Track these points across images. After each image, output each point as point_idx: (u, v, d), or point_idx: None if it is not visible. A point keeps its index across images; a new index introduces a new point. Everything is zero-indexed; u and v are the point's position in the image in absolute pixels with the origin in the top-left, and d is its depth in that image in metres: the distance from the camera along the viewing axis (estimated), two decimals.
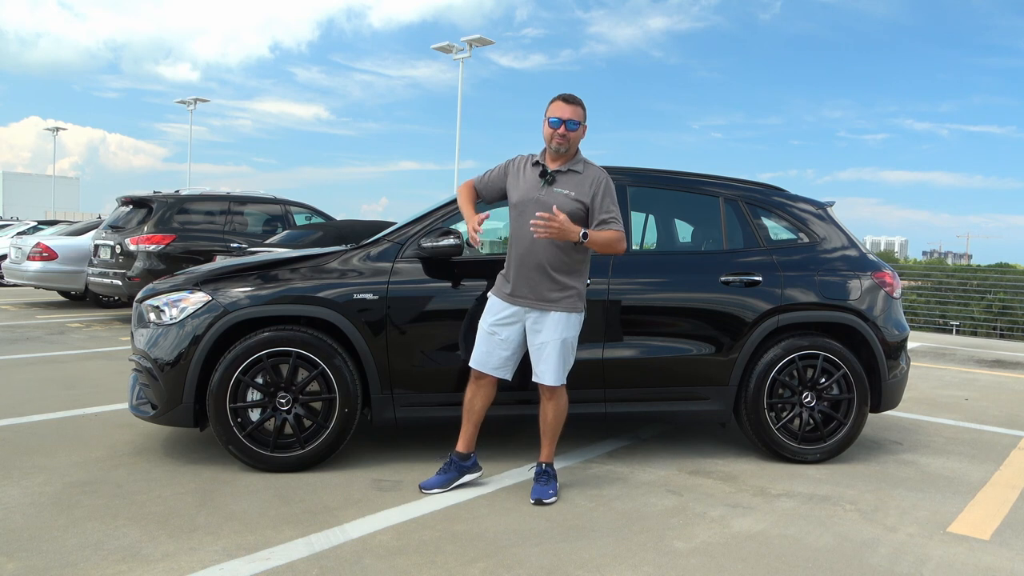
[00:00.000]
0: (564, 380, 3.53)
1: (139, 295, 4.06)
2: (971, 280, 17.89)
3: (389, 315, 3.83)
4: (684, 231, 4.92)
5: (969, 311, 17.00)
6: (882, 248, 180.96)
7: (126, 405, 4.35)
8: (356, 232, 7.18)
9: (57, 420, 4.72)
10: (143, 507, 3.29)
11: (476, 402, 3.59)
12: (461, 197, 3.66)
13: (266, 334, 3.72)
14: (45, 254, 10.96)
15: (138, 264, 9.11)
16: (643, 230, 4.74)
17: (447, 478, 3.61)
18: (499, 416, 3.81)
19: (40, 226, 15.96)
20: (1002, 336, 15.35)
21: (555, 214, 3.31)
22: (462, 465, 3.64)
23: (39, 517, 3.14)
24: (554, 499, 3.51)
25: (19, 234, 14.47)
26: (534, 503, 3.47)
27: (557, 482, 3.62)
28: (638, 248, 4.56)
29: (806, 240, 4.45)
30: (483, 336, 3.56)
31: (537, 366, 3.51)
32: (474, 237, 3.42)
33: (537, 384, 3.54)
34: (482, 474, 3.73)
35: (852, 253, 4.47)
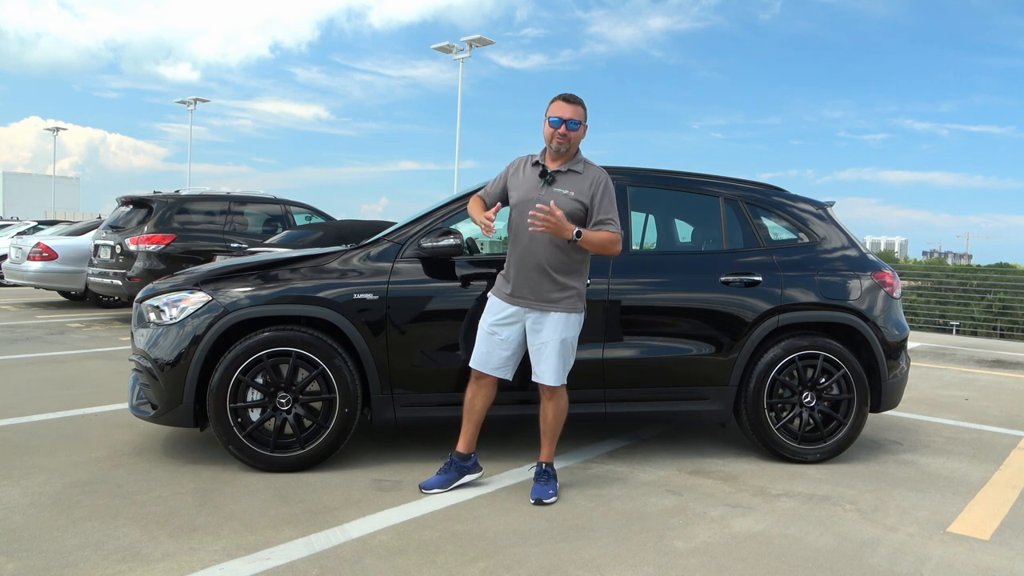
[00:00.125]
0: (564, 380, 3.52)
1: (139, 295, 4.06)
2: (971, 280, 17.89)
3: (389, 315, 3.83)
4: (684, 231, 4.92)
5: (969, 311, 17.01)
6: (882, 248, 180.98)
7: (126, 405, 4.35)
8: (356, 232, 7.18)
9: (57, 420, 4.72)
10: (143, 507, 3.29)
11: (476, 402, 3.59)
12: (471, 207, 3.64)
13: (266, 334, 3.72)
14: (45, 254, 10.96)
15: (138, 264, 9.11)
16: (643, 230, 4.74)
17: (447, 478, 3.61)
18: (499, 416, 3.81)
19: (40, 226, 15.95)
20: (1002, 336, 15.35)
21: (553, 209, 3.30)
22: (462, 465, 3.64)
23: (39, 517, 3.14)
24: (554, 499, 3.51)
25: (19, 234, 14.47)
26: (534, 503, 3.47)
27: (557, 482, 3.62)
28: (638, 248, 4.55)
29: (806, 240, 4.45)
30: (483, 336, 3.56)
31: (537, 366, 3.51)
32: (488, 224, 3.36)
33: (537, 384, 3.55)
34: (482, 474, 3.73)
35: (852, 253, 4.47)
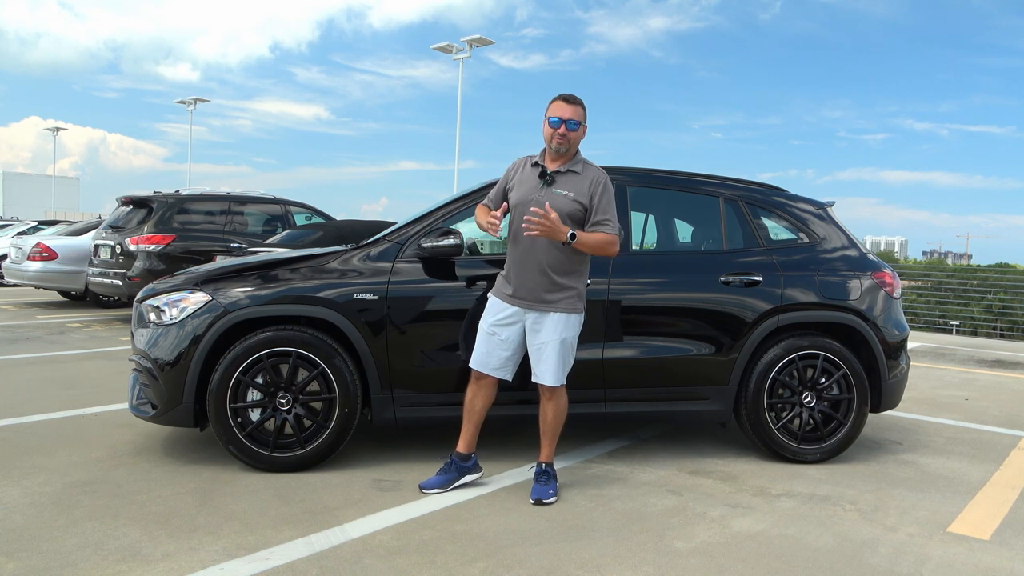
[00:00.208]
0: (564, 380, 3.52)
1: (139, 295, 4.06)
2: (971, 280, 17.89)
3: (389, 315, 3.83)
4: (684, 231, 4.92)
5: (969, 311, 17.01)
6: (882, 248, 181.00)
7: (126, 405, 4.35)
8: (356, 232, 7.18)
9: (57, 420, 4.72)
10: (143, 507, 3.29)
11: (477, 402, 3.59)
12: (477, 215, 3.62)
13: (266, 334, 3.72)
14: (45, 254, 10.96)
15: (138, 264, 9.11)
16: (643, 230, 4.73)
17: (447, 478, 3.61)
18: (499, 416, 3.80)
19: (40, 226, 15.95)
20: (1002, 336, 15.35)
21: (547, 211, 3.30)
22: (462, 465, 3.64)
23: (39, 517, 3.14)
24: (554, 499, 3.51)
25: (19, 234, 14.47)
26: (534, 503, 3.47)
27: (557, 482, 3.62)
28: (638, 248, 4.55)
29: (806, 240, 4.45)
30: (483, 336, 3.56)
31: (537, 366, 3.51)
32: (495, 224, 3.34)
33: (537, 384, 3.55)
34: (482, 474, 3.73)
35: (852, 253, 4.47)
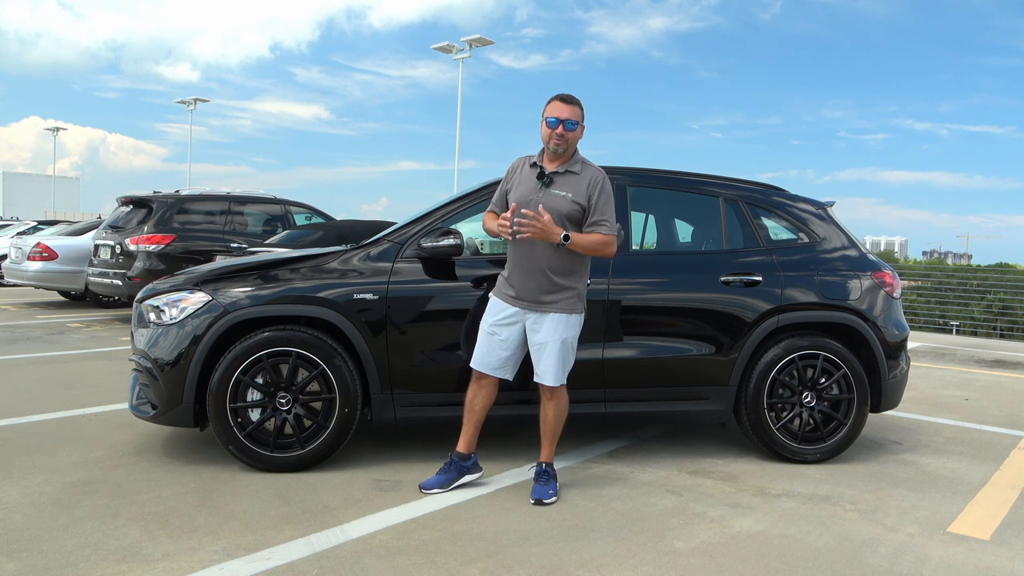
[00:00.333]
0: (564, 380, 3.52)
1: (139, 295, 4.06)
2: (971, 280, 17.89)
3: (389, 315, 3.83)
4: (684, 231, 4.92)
5: (969, 311, 17.01)
6: (882, 248, 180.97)
7: (126, 405, 4.35)
8: (356, 232, 7.18)
9: (57, 420, 4.72)
10: (143, 507, 3.29)
11: (477, 402, 3.59)
12: (486, 222, 3.63)
13: (266, 334, 3.72)
14: (45, 254, 10.96)
15: (138, 264, 9.11)
16: (643, 230, 4.74)
17: (447, 478, 3.61)
18: (499, 416, 3.80)
19: (40, 226, 15.95)
20: (1002, 336, 15.35)
21: (540, 214, 3.30)
22: (462, 465, 3.64)
23: (39, 517, 3.14)
24: (554, 499, 3.51)
25: (19, 234, 14.47)
26: (534, 503, 3.47)
27: (557, 482, 3.62)
28: (638, 248, 4.55)
29: (806, 240, 4.45)
30: (484, 336, 3.56)
31: (537, 366, 3.51)
32: (506, 227, 3.33)
33: (537, 384, 3.55)
34: (482, 474, 3.73)
35: (852, 253, 4.47)
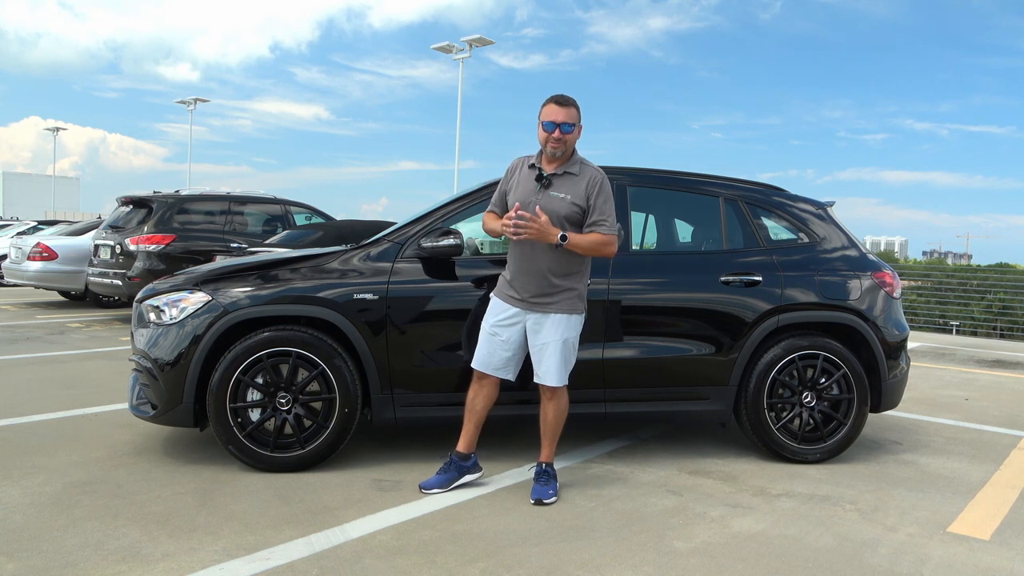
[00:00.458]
0: (566, 380, 3.52)
1: (139, 295, 4.06)
2: (971, 280, 17.90)
3: (389, 315, 3.83)
4: (684, 231, 4.92)
5: (969, 311, 17.01)
6: (882, 248, 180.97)
7: (126, 405, 4.35)
8: (356, 232, 7.18)
9: (57, 420, 4.72)
10: (143, 507, 3.29)
11: (478, 402, 3.59)
12: (488, 223, 3.62)
13: (266, 334, 3.72)
14: (45, 254, 10.96)
15: (138, 264, 9.11)
16: (643, 230, 4.74)
17: (447, 478, 3.61)
18: (499, 416, 3.80)
19: (40, 226, 15.95)
20: (1002, 336, 15.35)
21: (537, 215, 3.29)
22: (462, 465, 3.64)
23: (39, 517, 3.14)
24: (554, 499, 3.51)
25: (19, 234, 14.47)
26: (534, 503, 3.47)
27: (557, 482, 3.62)
28: (638, 248, 4.55)
29: (806, 240, 4.45)
30: (485, 337, 3.56)
31: (539, 367, 3.51)
32: (508, 225, 3.32)
33: (538, 384, 3.55)
34: (482, 474, 3.73)
35: (852, 253, 4.47)
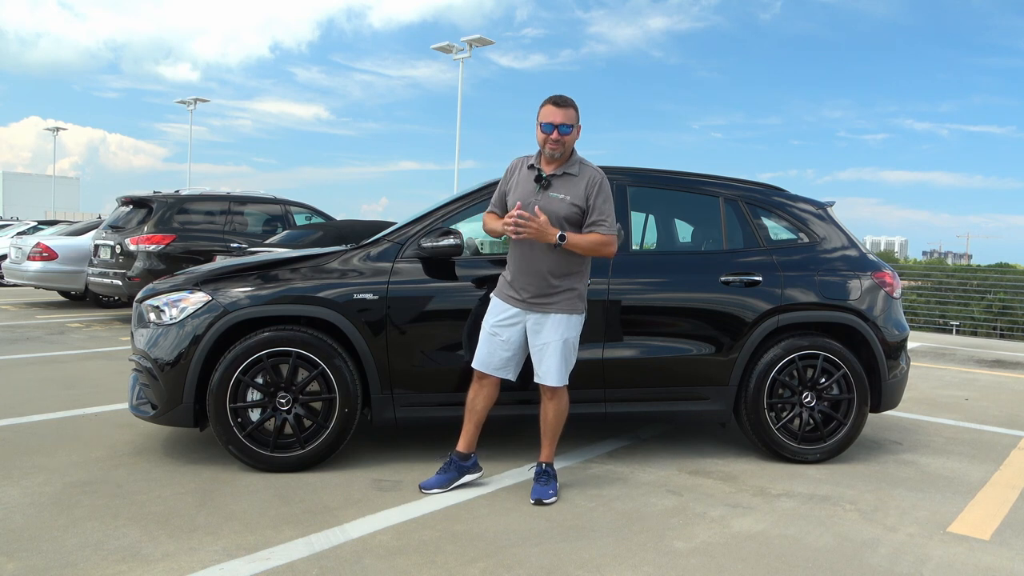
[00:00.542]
0: (567, 380, 3.52)
1: (139, 295, 4.06)
2: (971, 280, 17.90)
3: (389, 315, 3.83)
4: (684, 231, 4.92)
5: (969, 311, 17.01)
6: (882, 248, 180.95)
7: (126, 405, 4.35)
8: (356, 232, 7.18)
9: (57, 420, 4.72)
10: (143, 507, 3.29)
11: (478, 402, 3.59)
12: (488, 223, 3.62)
13: (266, 334, 3.72)
14: (45, 254, 10.96)
15: (138, 264, 9.11)
16: (643, 230, 4.74)
17: (447, 478, 3.61)
18: (499, 416, 3.80)
19: (40, 226, 15.95)
20: (1002, 336, 15.35)
21: (536, 215, 3.29)
22: (462, 465, 3.64)
23: (39, 517, 3.14)
24: (554, 499, 3.51)
25: (19, 234, 14.47)
26: (534, 503, 3.47)
27: (557, 482, 3.62)
28: (638, 248, 4.55)
29: (806, 240, 4.45)
30: (485, 337, 3.56)
31: (539, 367, 3.51)
32: (507, 224, 3.32)
33: (538, 384, 3.55)
34: (482, 474, 3.73)
35: (852, 253, 4.47)
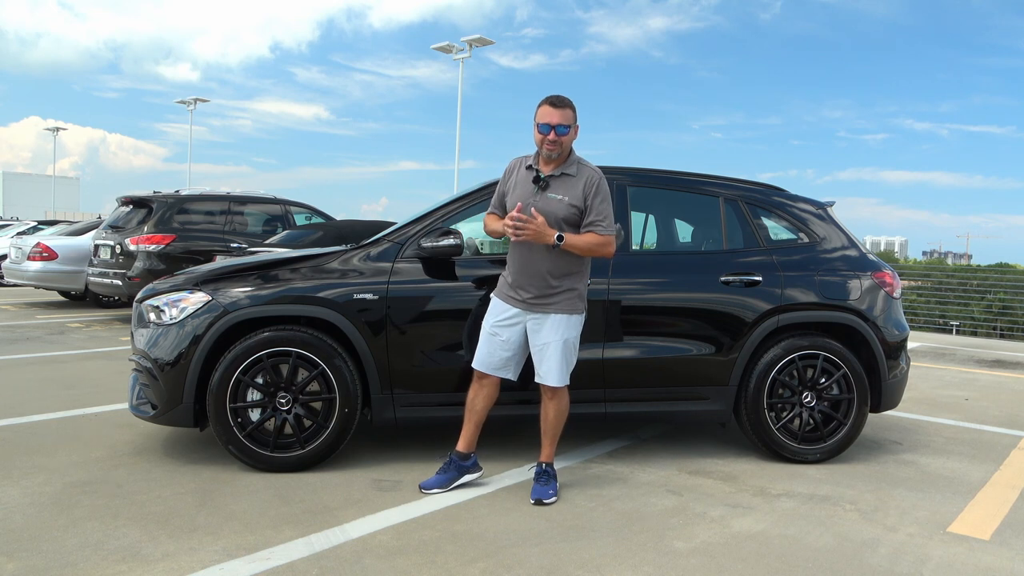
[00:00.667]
0: (567, 380, 3.52)
1: (139, 295, 4.06)
2: (971, 280, 17.90)
3: (389, 315, 3.83)
4: (684, 231, 4.92)
5: (969, 311, 17.01)
6: (882, 248, 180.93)
7: (126, 405, 4.35)
8: (356, 232, 7.18)
9: (57, 420, 4.72)
10: (143, 507, 3.29)
11: (478, 402, 3.59)
12: (489, 224, 3.62)
13: (266, 334, 3.72)
14: (45, 254, 10.96)
15: (138, 264, 9.11)
16: (643, 230, 4.74)
17: (447, 478, 3.61)
18: (499, 416, 3.80)
19: (40, 226, 15.95)
20: (1002, 336, 15.35)
21: (533, 216, 3.30)
22: (462, 465, 3.64)
23: (39, 517, 3.14)
24: (554, 499, 3.51)
25: (19, 234, 14.47)
26: (534, 503, 3.47)
27: (557, 482, 3.62)
28: (638, 248, 4.55)
29: (806, 240, 4.45)
30: (485, 337, 3.56)
31: (540, 367, 3.51)
32: (508, 225, 3.32)
33: (538, 384, 3.54)
34: (482, 474, 3.73)
35: (852, 253, 4.47)
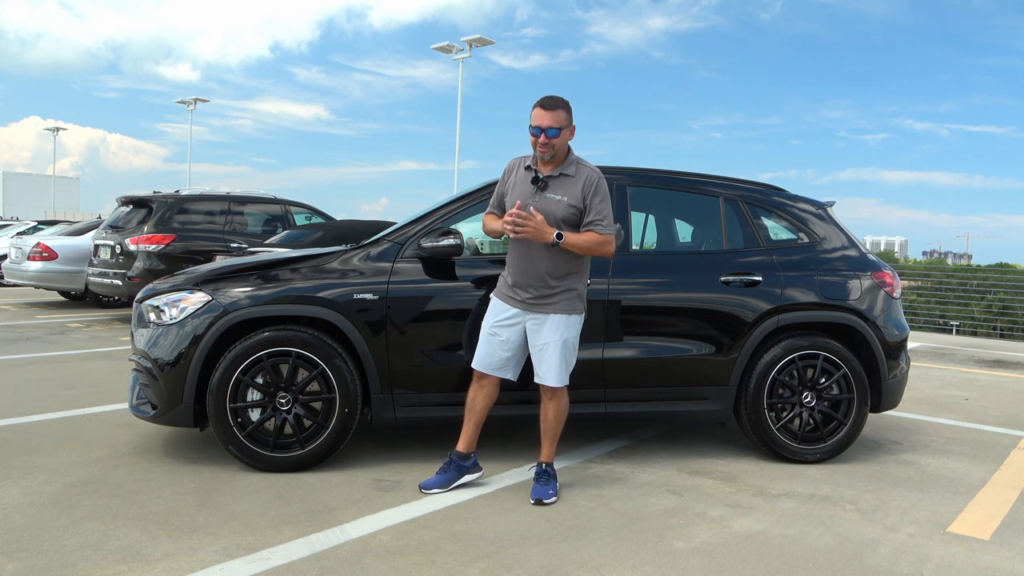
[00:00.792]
0: (567, 380, 3.52)
1: (139, 295, 4.06)
2: (971, 280, 17.90)
3: (389, 315, 3.83)
4: (684, 231, 4.92)
5: (969, 311, 17.01)
6: (882, 248, 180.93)
7: (126, 405, 4.35)
8: (356, 232, 7.18)
9: (57, 420, 4.72)
10: (143, 507, 3.29)
11: (478, 402, 3.59)
12: (488, 224, 3.62)
13: (266, 334, 3.72)
14: (45, 254, 10.96)
15: (138, 264, 9.11)
16: (643, 230, 4.74)
17: (447, 478, 3.61)
18: (499, 416, 3.80)
19: (40, 226, 15.95)
20: (1002, 336, 15.35)
21: (532, 214, 3.30)
22: (462, 465, 3.64)
23: (39, 517, 3.14)
24: (554, 499, 3.51)
25: (19, 234, 14.47)
26: (534, 503, 3.47)
27: (557, 482, 3.62)
28: (638, 248, 4.55)
29: (806, 240, 4.45)
30: (485, 337, 3.56)
31: (539, 367, 3.51)
32: (507, 223, 3.31)
33: (538, 384, 3.54)
34: (482, 474, 3.73)
35: (852, 253, 4.47)
